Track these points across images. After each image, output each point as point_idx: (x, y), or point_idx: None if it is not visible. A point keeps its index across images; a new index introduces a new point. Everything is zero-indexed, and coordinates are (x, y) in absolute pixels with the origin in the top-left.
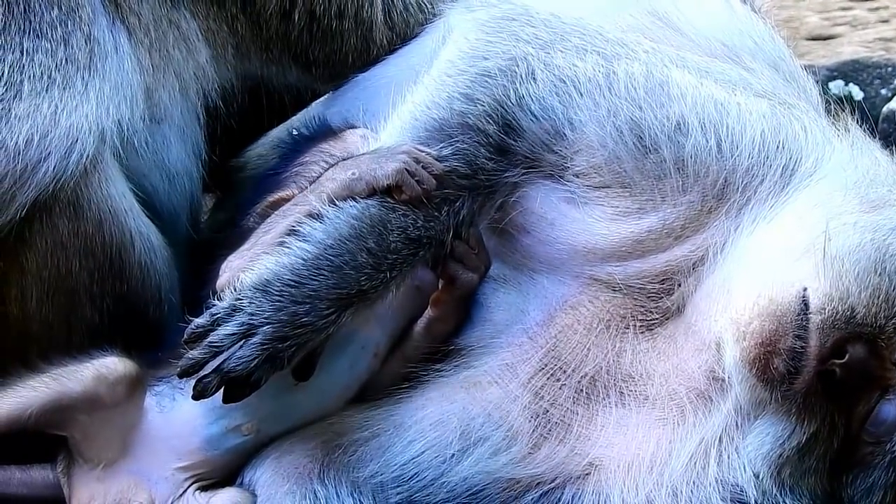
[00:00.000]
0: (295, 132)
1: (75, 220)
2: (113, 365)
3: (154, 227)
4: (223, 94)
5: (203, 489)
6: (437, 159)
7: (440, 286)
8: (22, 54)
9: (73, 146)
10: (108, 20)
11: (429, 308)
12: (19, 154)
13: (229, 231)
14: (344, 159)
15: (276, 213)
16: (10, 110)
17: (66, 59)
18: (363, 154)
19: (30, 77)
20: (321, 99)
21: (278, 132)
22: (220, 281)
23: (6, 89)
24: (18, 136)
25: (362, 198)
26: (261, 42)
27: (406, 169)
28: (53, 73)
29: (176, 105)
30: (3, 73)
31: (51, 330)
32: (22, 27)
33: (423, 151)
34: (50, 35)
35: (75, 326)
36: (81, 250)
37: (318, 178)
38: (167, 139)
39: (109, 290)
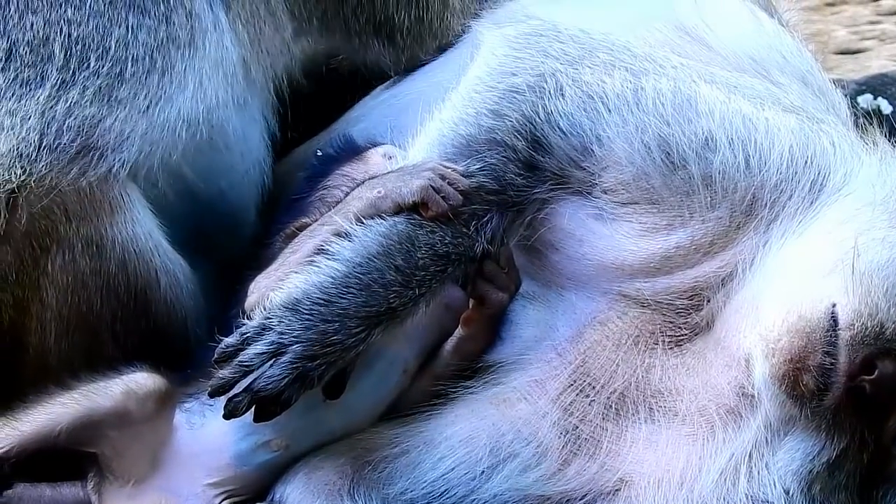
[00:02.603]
0: (319, 152)
1: (98, 260)
2: (142, 380)
3: (181, 261)
4: (305, 70)
5: None
6: (465, 175)
7: (471, 305)
8: (127, 30)
9: (167, 136)
10: None
11: (459, 327)
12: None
13: (257, 250)
14: (370, 178)
15: (303, 233)
16: (112, 89)
17: (168, 38)
18: (389, 172)
19: (133, 57)
20: (346, 116)
21: (304, 149)
22: (249, 301)
23: (113, 64)
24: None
25: (389, 216)
26: (346, 10)
27: (431, 185)
28: (155, 54)
29: (267, 83)
30: (110, 47)
31: (71, 365)
32: (128, 1)
33: (448, 167)
34: (153, 12)
35: (96, 362)
36: (104, 289)
37: (342, 199)
38: (249, 122)
39: (133, 328)
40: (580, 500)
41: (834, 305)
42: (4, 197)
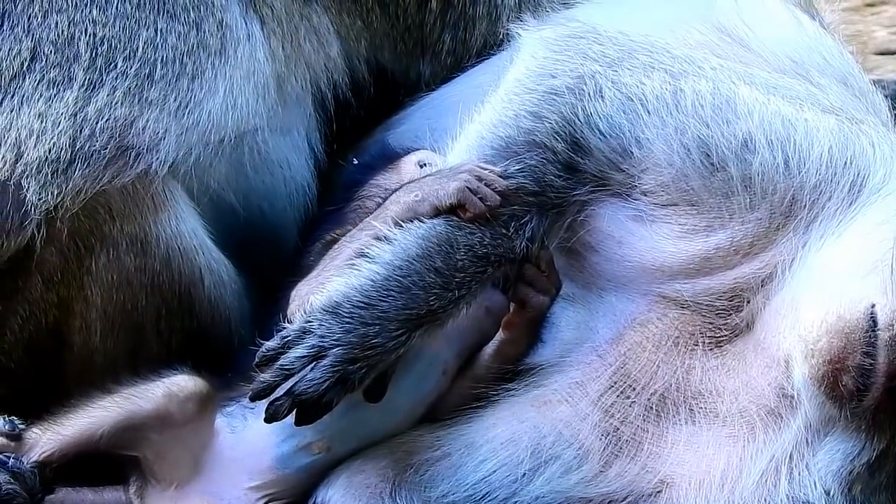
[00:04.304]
0: (355, 161)
1: (143, 257)
2: (183, 382)
3: (226, 261)
4: (353, 86)
5: None
6: (504, 176)
7: (511, 309)
8: (156, 33)
9: (198, 141)
10: (241, 9)
11: (500, 331)
12: (172, 114)
13: (298, 260)
14: (409, 182)
15: (342, 239)
16: (142, 90)
17: (198, 44)
18: (427, 175)
19: (162, 60)
20: (386, 122)
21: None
22: (291, 308)
23: (141, 65)
24: (149, 117)
25: (427, 218)
26: (395, 34)
27: (468, 187)
28: (185, 58)
29: (305, 98)
30: (137, 49)
31: (115, 363)
32: (156, 6)
33: (486, 169)
34: (183, 18)
35: (141, 360)
36: (148, 287)
37: (378, 207)
38: (293, 149)
39: (178, 326)
40: (621, 501)
41: (873, 306)
42: (43, 212)
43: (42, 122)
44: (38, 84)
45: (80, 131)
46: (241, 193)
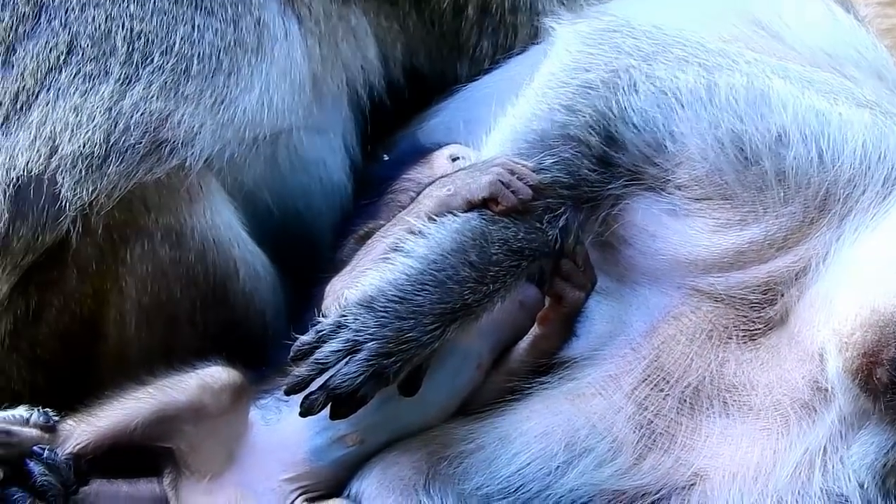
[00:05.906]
0: (385, 157)
1: (178, 249)
2: (217, 374)
3: (261, 254)
4: (388, 88)
5: (310, 501)
6: (538, 170)
7: (547, 304)
8: (193, 29)
9: (233, 137)
10: (279, 7)
11: (535, 325)
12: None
13: (332, 255)
14: (441, 177)
15: (376, 234)
16: (178, 85)
17: (235, 41)
18: (460, 170)
19: (199, 56)
20: (418, 117)
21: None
22: (325, 303)
23: (178, 60)
24: (185, 111)
25: (461, 212)
26: (431, 39)
27: (500, 180)
28: (221, 55)
29: (341, 98)
30: (174, 44)
31: (150, 355)
32: (194, 2)
33: (518, 163)
34: (220, 15)
35: (175, 352)
36: (183, 279)
37: (411, 201)
38: (329, 150)
39: (212, 318)
40: (655, 494)
41: None
42: (77, 208)
43: (77, 115)
44: (73, 77)
45: (115, 125)
46: (276, 192)
